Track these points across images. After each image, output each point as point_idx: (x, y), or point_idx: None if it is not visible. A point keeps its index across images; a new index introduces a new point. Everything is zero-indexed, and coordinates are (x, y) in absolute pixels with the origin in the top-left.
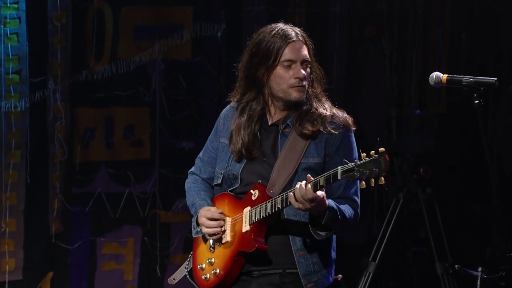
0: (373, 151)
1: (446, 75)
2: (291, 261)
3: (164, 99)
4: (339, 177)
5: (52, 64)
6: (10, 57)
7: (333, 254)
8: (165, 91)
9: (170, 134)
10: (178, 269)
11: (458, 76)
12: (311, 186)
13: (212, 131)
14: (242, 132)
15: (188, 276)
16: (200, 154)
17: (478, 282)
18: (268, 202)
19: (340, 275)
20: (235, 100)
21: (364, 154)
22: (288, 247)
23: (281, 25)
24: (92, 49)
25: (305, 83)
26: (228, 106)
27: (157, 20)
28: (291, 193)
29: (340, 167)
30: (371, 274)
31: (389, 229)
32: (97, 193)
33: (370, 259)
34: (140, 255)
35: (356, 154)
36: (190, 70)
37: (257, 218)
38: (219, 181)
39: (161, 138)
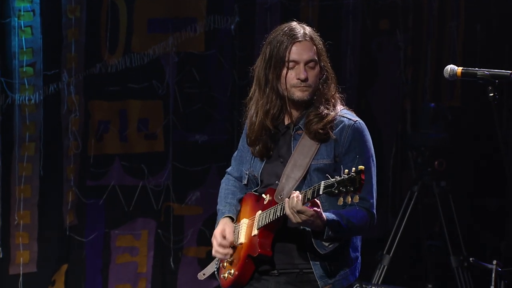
0: (354, 168)
1: (461, 68)
2: (307, 262)
3: (177, 92)
4: (320, 192)
5: (66, 57)
6: (24, 49)
7: (353, 254)
8: (178, 84)
9: (183, 127)
10: (193, 262)
11: (473, 69)
12: (301, 199)
13: (243, 130)
14: (261, 133)
15: (216, 273)
16: (234, 153)
17: (493, 275)
18: (272, 208)
19: None
20: (251, 103)
21: (347, 170)
22: (303, 249)
23: (292, 24)
24: (106, 42)
25: (309, 83)
26: None
27: (170, 13)
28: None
29: (323, 181)
30: (386, 267)
31: (404, 222)
32: (111, 185)
33: (384, 252)
34: (154, 248)
35: (370, 152)
36: (204, 63)
37: (263, 223)
38: (245, 182)
39: (175, 131)
